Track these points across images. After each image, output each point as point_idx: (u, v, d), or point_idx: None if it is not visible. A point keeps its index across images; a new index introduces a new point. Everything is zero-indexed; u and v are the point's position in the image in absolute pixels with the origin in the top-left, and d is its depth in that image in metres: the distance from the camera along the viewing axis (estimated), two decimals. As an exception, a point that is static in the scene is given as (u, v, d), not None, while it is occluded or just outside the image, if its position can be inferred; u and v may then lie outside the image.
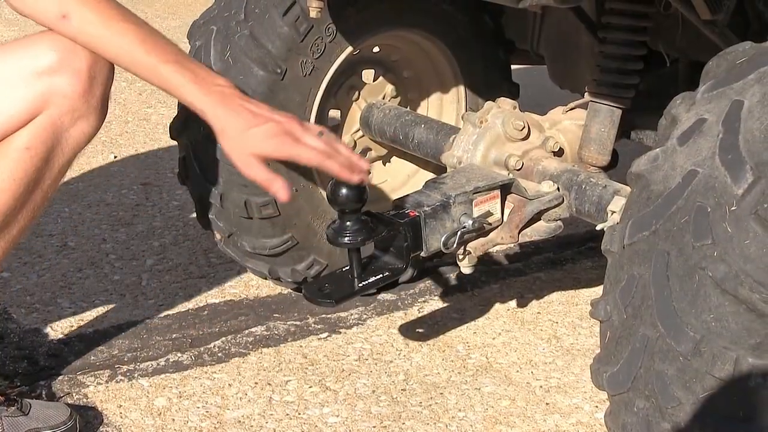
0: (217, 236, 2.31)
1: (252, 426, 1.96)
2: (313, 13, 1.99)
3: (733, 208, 1.32)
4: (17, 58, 1.68)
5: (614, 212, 1.83)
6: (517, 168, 2.03)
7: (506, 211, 1.97)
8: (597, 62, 2.07)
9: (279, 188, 1.67)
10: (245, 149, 1.65)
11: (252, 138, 1.64)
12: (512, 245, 2.68)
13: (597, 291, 2.51)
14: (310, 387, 2.10)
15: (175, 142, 2.34)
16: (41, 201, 1.73)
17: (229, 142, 1.66)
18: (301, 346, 2.25)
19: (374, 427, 1.97)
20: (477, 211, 1.92)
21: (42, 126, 1.67)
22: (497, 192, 1.95)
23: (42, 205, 1.75)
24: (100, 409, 2.00)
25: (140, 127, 3.71)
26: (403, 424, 1.98)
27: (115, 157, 3.40)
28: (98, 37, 1.65)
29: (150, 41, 1.66)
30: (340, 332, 2.32)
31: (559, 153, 2.09)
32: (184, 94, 1.66)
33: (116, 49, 1.65)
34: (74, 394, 2.05)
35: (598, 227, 1.81)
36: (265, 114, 1.67)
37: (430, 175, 2.43)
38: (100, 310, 2.39)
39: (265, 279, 2.47)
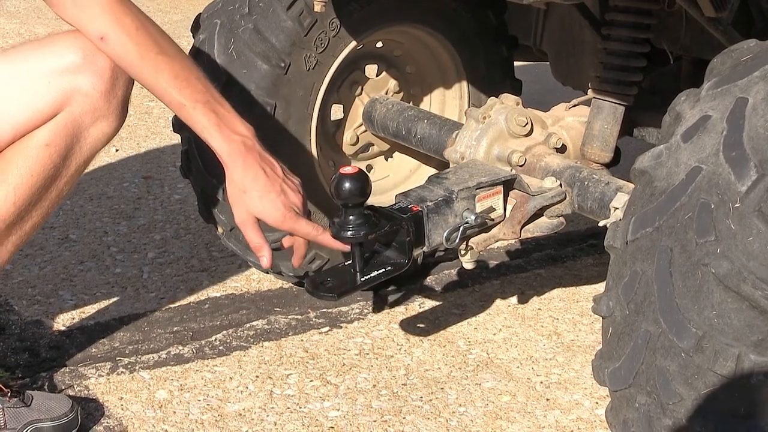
0: (219, 230, 2.31)
1: (253, 419, 1.97)
2: (317, 8, 1.99)
3: (736, 205, 1.32)
4: (41, 56, 1.69)
5: (617, 209, 1.83)
6: (520, 164, 2.03)
7: (509, 207, 1.97)
8: (600, 59, 2.07)
9: (264, 256, 1.74)
10: (249, 209, 1.69)
11: (258, 202, 1.68)
12: (513, 241, 2.68)
13: (598, 288, 2.51)
14: (311, 381, 2.10)
15: (176, 136, 2.34)
16: (56, 198, 1.74)
17: (236, 194, 1.69)
18: (302, 340, 2.26)
19: (375, 421, 1.97)
20: (479, 207, 1.92)
21: (62, 124, 1.68)
22: (500, 188, 1.95)
23: (56, 202, 1.76)
24: (101, 401, 2.01)
25: (142, 121, 3.71)
26: (404, 418, 1.98)
27: (117, 150, 3.40)
28: (133, 66, 1.66)
29: (182, 77, 1.66)
30: (341, 326, 2.32)
31: (561, 149, 2.10)
32: (207, 137, 1.68)
33: (149, 80, 1.66)
34: (75, 386, 2.05)
35: (601, 224, 1.82)
36: (278, 178, 1.70)
37: (433, 171, 2.44)
38: (101, 303, 2.39)
39: (267, 273, 2.48)
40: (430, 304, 2.43)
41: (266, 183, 1.67)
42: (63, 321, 2.30)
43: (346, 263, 1.86)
